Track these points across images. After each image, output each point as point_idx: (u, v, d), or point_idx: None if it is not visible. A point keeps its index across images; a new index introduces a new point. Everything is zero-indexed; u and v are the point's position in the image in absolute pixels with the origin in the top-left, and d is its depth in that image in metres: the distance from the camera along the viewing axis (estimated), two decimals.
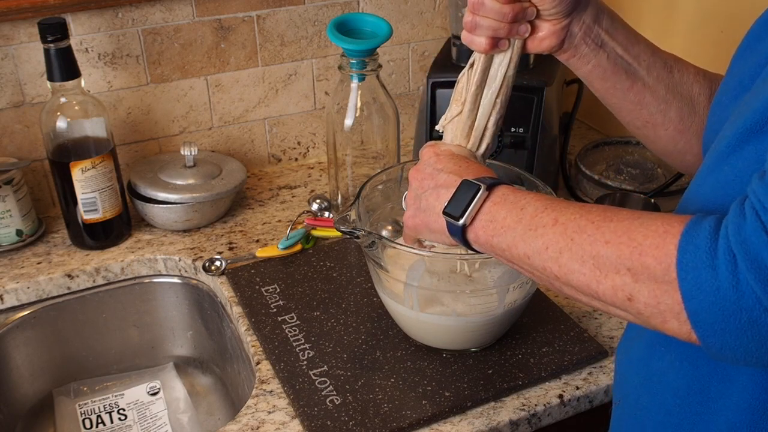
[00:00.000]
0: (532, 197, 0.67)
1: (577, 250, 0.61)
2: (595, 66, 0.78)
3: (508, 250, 0.67)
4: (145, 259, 1.16)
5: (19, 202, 1.14)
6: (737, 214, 0.52)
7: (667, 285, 0.55)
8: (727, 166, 0.59)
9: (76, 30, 1.17)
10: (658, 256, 0.55)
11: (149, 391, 1.17)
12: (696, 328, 0.54)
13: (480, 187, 0.69)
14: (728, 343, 0.53)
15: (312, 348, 0.96)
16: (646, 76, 0.78)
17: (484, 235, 0.69)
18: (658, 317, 0.57)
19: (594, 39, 0.76)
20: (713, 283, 0.52)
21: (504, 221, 0.67)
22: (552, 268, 0.63)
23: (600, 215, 0.61)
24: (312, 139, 1.42)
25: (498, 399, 0.89)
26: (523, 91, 1.16)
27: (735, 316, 0.52)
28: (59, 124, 1.09)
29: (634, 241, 0.57)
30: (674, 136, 0.81)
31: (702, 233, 0.53)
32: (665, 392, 0.68)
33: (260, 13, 1.28)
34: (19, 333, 1.12)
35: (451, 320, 0.90)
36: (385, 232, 1.02)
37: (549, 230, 0.63)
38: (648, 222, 0.57)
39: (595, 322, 1.01)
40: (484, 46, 0.75)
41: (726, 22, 1.21)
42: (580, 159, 1.34)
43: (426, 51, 1.44)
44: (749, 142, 0.56)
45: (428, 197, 0.75)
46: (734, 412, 0.62)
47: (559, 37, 0.76)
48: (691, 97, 0.79)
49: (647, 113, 0.80)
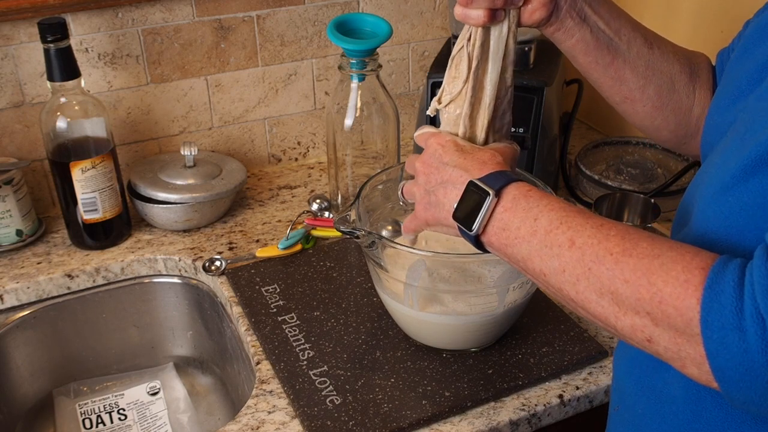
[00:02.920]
0: (545, 205, 0.66)
1: (594, 282, 0.59)
2: (578, 40, 0.78)
3: (524, 263, 0.66)
4: (145, 259, 1.16)
5: (19, 202, 1.14)
6: (764, 274, 0.51)
7: (690, 337, 0.54)
8: (731, 197, 0.58)
9: (76, 30, 1.17)
10: (680, 308, 0.54)
11: (149, 391, 1.17)
12: (721, 382, 0.54)
13: (488, 195, 0.67)
14: (752, 399, 0.53)
15: (312, 348, 0.96)
16: (626, 52, 0.79)
17: (497, 243, 0.68)
18: (678, 362, 0.56)
19: (578, 12, 0.77)
20: (741, 345, 0.51)
21: (518, 231, 0.66)
22: (569, 292, 0.62)
23: (619, 245, 0.59)
24: (312, 139, 1.42)
25: (498, 399, 0.89)
26: (523, 91, 1.16)
27: (762, 377, 0.51)
28: (59, 124, 1.09)
29: (654, 286, 0.55)
30: (651, 113, 0.82)
31: (726, 289, 0.52)
32: (660, 400, 0.67)
33: (260, 13, 1.28)
34: (19, 333, 1.12)
35: (451, 320, 0.90)
36: (385, 232, 1.02)
37: (565, 252, 0.62)
38: (668, 265, 0.55)
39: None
40: (482, 18, 0.73)
41: (726, 22, 1.21)
42: (580, 159, 1.34)
43: (426, 51, 1.44)
44: (755, 175, 0.56)
45: (437, 193, 0.74)
46: (729, 422, 0.62)
47: (548, 9, 0.76)
48: (671, 75, 0.80)
49: (626, 89, 0.81)
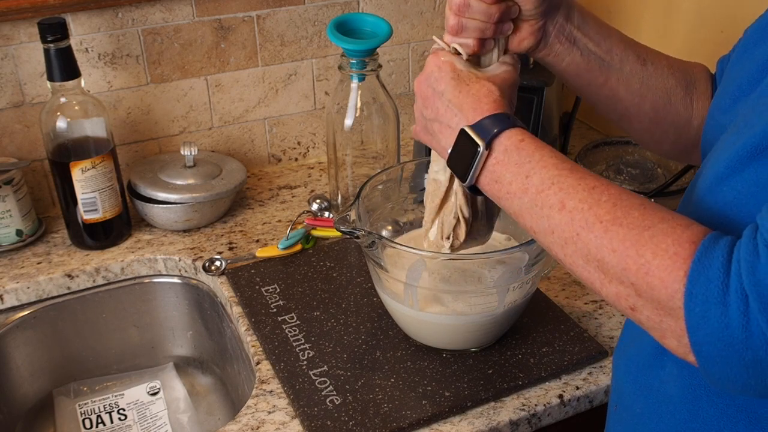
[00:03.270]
0: (537, 161, 0.65)
1: (582, 248, 0.60)
2: (569, 63, 0.78)
3: (516, 217, 0.67)
4: (145, 259, 1.16)
5: (19, 202, 1.14)
6: (751, 251, 0.51)
7: (672, 310, 0.54)
8: (726, 187, 0.58)
9: (76, 30, 1.17)
10: (665, 280, 0.54)
11: (149, 391, 1.17)
12: (698, 356, 0.54)
13: (479, 147, 0.67)
14: (729, 375, 0.54)
15: (312, 348, 0.96)
16: (619, 70, 0.78)
17: (491, 192, 0.69)
18: (658, 332, 0.57)
19: (567, 36, 0.77)
20: (722, 320, 0.51)
21: (509, 186, 0.66)
22: (557, 252, 0.63)
23: (610, 213, 0.59)
24: (312, 139, 1.42)
25: (498, 399, 0.89)
26: (523, 91, 1.15)
27: (740, 353, 0.51)
28: (59, 124, 1.09)
29: (642, 258, 0.55)
30: (650, 128, 0.82)
31: (714, 264, 0.52)
32: (658, 399, 0.68)
33: (260, 13, 1.28)
34: (19, 333, 1.12)
35: (451, 320, 0.90)
36: (385, 232, 1.02)
37: (555, 214, 0.62)
38: (659, 237, 0.55)
39: (595, 322, 1.01)
40: (472, 47, 0.74)
41: (726, 22, 1.20)
42: (580, 159, 1.34)
43: (426, 51, 1.44)
44: (750, 164, 0.56)
45: (433, 126, 0.74)
46: (725, 423, 0.62)
47: (537, 37, 0.76)
48: (667, 89, 0.80)
49: (622, 107, 0.81)
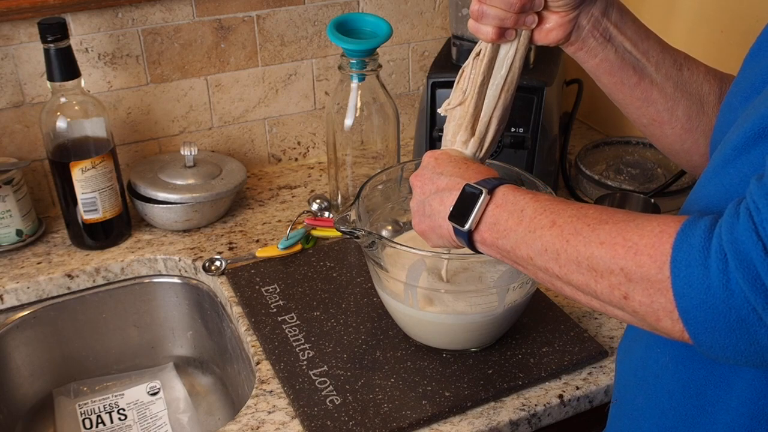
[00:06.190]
0: (531, 198, 0.68)
1: (572, 252, 0.61)
2: (602, 60, 0.77)
3: (512, 252, 0.68)
4: (145, 259, 1.16)
5: (19, 202, 1.14)
6: (731, 214, 0.53)
7: (660, 284, 0.55)
8: (732, 169, 0.58)
9: (76, 30, 1.17)
10: (653, 255, 0.55)
11: (149, 391, 1.17)
12: (687, 325, 0.55)
13: (482, 192, 0.69)
14: (718, 341, 0.54)
15: (312, 348, 0.96)
16: (654, 73, 0.77)
17: (489, 238, 0.70)
18: (652, 315, 0.57)
19: (602, 32, 0.75)
20: (704, 281, 0.52)
21: (506, 224, 0.68)
22: (553, 269, 0.64)
23: (596, 217, 0.61)
24: (312, 139, 1.42)
25: (498, 399, 0.89)
26: (523, 91, 1.16)
27: (725, 314, 0.52)
28: (59, 124, 1.09)
29: (629, 242, 0.57)
30: (681, 135, 0.80)
31: (697, 232, 0.54)
32: (660, 394, 0.68)
33: (260, 13, 1.28)
34: (19, 333, 1.12)
35: (452, 320, 0.90)
36: (385, 232, 1.02)
37: (547, 232, 0.64)
38: (644, 223, 0.58)
39: (595, 322, 1.02)
40: (490, 35, 0.75)
41: (726, 22, 1.20)
42: (580, 159, 1.34)
43: (426, 51, 1.44)
44: (756, 147, 0.56)
45: (432, 202, 0.75)
46: (733, 417, 0.62)
47: (567, 29, 0.75)
48: (700, 96, 0.78)
49: (654, 110, 0.79)
